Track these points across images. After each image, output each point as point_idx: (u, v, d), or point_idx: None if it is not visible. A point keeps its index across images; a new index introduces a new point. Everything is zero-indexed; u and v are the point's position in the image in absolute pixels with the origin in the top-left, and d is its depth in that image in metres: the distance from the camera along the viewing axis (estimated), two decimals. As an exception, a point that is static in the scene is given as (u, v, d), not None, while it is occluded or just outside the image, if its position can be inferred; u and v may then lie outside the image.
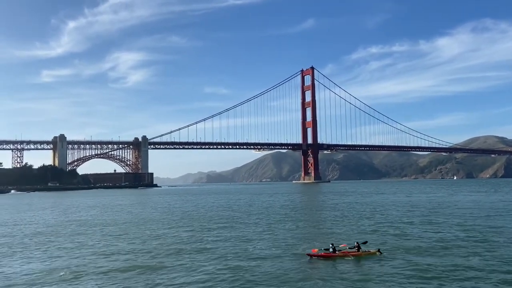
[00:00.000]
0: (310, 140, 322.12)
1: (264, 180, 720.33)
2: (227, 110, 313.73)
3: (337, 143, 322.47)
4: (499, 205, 62.38)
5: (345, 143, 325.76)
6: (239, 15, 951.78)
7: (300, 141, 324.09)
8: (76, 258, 25.63)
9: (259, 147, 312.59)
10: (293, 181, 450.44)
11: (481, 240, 29.43)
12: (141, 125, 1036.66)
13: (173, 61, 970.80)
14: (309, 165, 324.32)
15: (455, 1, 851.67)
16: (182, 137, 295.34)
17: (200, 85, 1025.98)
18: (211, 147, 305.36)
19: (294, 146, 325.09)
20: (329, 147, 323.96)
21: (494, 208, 56.07)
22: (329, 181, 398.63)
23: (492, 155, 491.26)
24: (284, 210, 59.82)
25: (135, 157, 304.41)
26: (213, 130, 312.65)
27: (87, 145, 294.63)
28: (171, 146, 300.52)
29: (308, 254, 24.29)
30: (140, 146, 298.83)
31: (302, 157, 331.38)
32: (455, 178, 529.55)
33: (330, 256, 23.99)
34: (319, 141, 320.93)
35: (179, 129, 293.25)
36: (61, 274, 21.39)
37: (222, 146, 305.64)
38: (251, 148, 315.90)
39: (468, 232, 33.09)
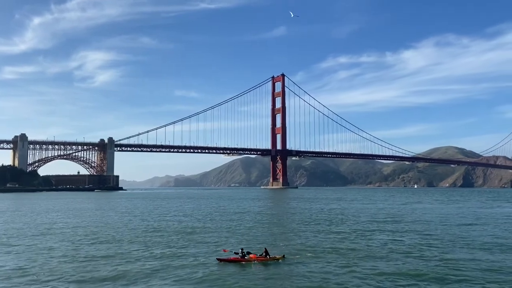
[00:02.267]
0: (279, 146, 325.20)
1: (232, 184, 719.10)
2: (197, 114, 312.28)
3: (305, 149, 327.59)
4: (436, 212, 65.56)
5: (313, 150, 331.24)
6: (211, 19, 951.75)
7: (269, 146, 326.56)
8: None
9: (228, 151, 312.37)
10: (262, 187, 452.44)
11: (404, 247, 30.96)
12: (108, 126, 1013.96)
13: (143, 62, 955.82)
14: (278, 171, 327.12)
15: (420, 15, 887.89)
16: (150, 140, 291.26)
17: (170, 88, 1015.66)
18: (180, 150, 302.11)
19: (263, 152, 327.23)
20: (297, 153, 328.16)
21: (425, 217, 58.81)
22: (297, 187, 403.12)
23: (452, 165, 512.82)
24: (242, 215, 60.27)
25: (100, 159, 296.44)
26: (183, 133, 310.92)
27: (50, 146, 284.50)
28: (139, 149, 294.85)
29: (218, 259, 25.16)
30: (106, 148, 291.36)
31: (271, 162, 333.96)
32: (416, 186, 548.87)
33: (239, 260, 24.74)
34: (288, 147, 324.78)
35: (147, 131, 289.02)
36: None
37: (191, 150, 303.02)
38: (220, 153, 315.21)
39: (395, 239, 34.80)
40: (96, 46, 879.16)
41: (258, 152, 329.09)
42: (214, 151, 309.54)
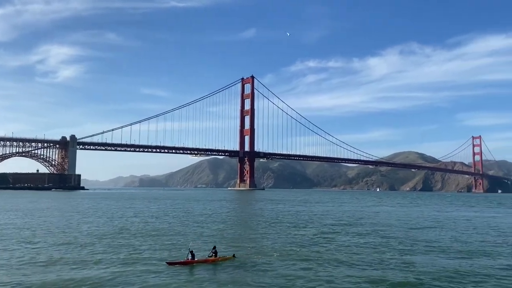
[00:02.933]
0: (247, 148, 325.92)
1: (199, 185, 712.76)
2: (165, 113, 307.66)
3: (273, 152, 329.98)
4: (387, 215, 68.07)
5: (281, 152, 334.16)
6: (180, 18, 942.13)
7: (237, 148, 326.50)
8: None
9: (196, 152, 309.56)
10: (229, 188, 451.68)
11: (344, 247, 32.18)
12: (70, 123, 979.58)
13: (109, 58, 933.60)
14: (245, 172, 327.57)
15: (386, 24, 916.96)
16: (115, 138, 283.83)
17: (137, 85, 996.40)
18: (146, 150, 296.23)
19: (231, 153, 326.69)
20: (265, 155, 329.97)
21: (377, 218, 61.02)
22: (264, 189, 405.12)
23: (413, 170, 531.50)
24: (207, 217, 60.03)
25: (62, 157, 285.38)
26: (149, 133, 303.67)
27: (8, 142, 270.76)
28: (102, 148, 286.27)
29: (167, 262, 24.73)
30: (68, 145, 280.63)
31: (239, 164, 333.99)
32: (378, 189, 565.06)
33: (188, 263, 24.67)
34: (256, 149, 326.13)
35: (112, 130, 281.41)
36: None
37: (158, 150, 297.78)
38: (188, 153, 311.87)
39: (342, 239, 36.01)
40: (60, 40, 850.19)
41: (226, 153, 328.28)
42: (181, 151, 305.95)
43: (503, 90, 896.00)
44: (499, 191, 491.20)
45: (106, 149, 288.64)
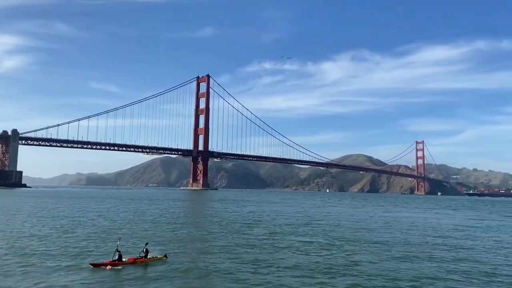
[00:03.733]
0: (201, 147, 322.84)
1: (150, 185, 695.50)
2: (116, 109, 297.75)
3: (227, 151, 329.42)
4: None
5: (235, 153, 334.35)
6: (135, 12, 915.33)
7: (191, 147, 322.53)
8: None
9: (148, 150, 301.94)
10: (181, 187, 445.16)
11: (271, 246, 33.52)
12: (12, 117, 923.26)
13: (57, 50, 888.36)
14: (199, 172, 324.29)
15: (340, 30, 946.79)
16: (61, 134, 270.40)
17: (87, 79, 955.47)
18: (94, 147, 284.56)
19: (184, 152, 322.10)
20: (219, 155, 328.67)
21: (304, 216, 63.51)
22: (217, 189, 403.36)
23: (361, 172, 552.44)
24: (157, 217, 59.07)
25: (2, 153, 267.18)
26: (98, 129, 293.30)
27: None
28: (47, 143, 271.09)
29: (92, 264, 23.77)
30: (9, 140, 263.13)
31: (192, 163, 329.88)
32: (328, 190, 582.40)
33: (114, 264, 23.70)
34: (210, 148, 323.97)
35: (58, 125, 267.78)
36: None
37: (107, 147, 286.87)
38: (139, 151, 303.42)
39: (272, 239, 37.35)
40: (4, 28, 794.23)
41: (179, 152, 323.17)
42: (132, 149, 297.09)
43: (444, 98, 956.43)
44: (439, 193, 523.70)
45: (51, 145, 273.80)
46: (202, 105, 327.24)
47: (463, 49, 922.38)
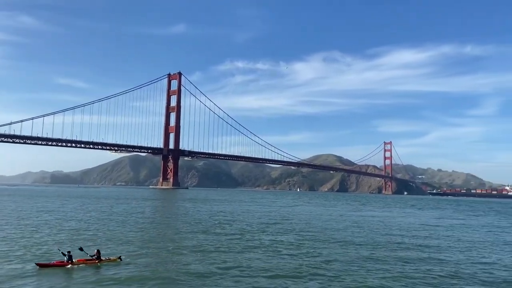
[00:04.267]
0: (172, 146, 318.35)
1: (118, 183, 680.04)
2: (83, 105, 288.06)
3: (198, 150, 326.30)
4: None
5: (206, 151, 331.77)
6: (106, 6, 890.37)
7: (161, 145, 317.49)
8: None
9: (116, 148, 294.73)
10: (150, 186, 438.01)
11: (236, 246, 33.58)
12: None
13: (22, 43, 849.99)
14: (169, 170, 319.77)
15: (312, 31, 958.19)
16: (25, 130, 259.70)
17: (53, 74, 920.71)
18: (60, 144, 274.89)
19: (154, 150, 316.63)
20: (190, 153, 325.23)
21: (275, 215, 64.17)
22: (187, 188, 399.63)
23: (331, 172, 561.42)
24: (124, 217, 57.59)
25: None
26: (64, 125, 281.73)
27: None
28: (10, 140, 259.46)
29: (38, 264, 22.84)
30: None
31: (162, 162, 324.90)
32: (299, 190, 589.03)
33: (63, 265, 22.94)
34: (181, 147, 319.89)
35: (22, 121, 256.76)
36: None
37: (73, 145, 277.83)
38: (107, 149, 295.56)
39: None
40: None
41: (149, 151, 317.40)
42: (99, 147, 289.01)
43: (412, 100, 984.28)
44: (405, 193, 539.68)
45: (14, 142, 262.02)
46: (173, 103, 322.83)
47: (430, 53, 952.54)
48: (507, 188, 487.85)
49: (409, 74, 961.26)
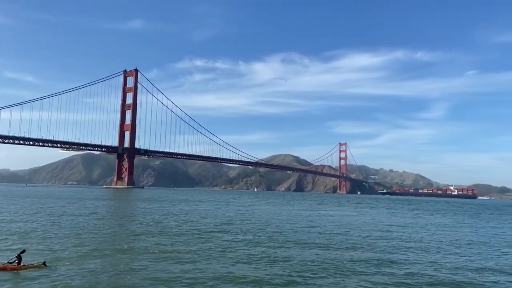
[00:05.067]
0: (127, 144, 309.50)
1: (70, 183, 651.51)
2: (32, 101, 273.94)
3: (155, 149, 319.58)
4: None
5: (163, 150, 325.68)
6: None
7: (116, 143, 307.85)
8: None
9: (67, 146, 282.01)
10: (104, 186, 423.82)
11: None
12: None
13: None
14: (124, 169, 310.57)
15: (272, 32, 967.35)
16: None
17: (0, 68, 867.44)
18: (6, 141, 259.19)
19: (109, 149, 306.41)
20: (146, 152, 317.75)
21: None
22: (143, 187, 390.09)
23: (288, 172, 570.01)
24: (73, 217, 55.59)
25: None
26: (11, 122, 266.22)
27: None
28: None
29: None
30: None
31: (117, 160, 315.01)
32: (256, 189, 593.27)
33: None
34: (137, 145, 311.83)
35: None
36: None
37: (21, 142, 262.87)
38: (58, 147, 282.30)
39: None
40: None
41: (103, 149, 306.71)
42: (50, 144, 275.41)
43: (366, 103, 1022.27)
44: (359, 192, 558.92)
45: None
46: (129, 100, 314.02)
47: (384, 57, 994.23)
48: (451, 188, 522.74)
49: (364, 77, 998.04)
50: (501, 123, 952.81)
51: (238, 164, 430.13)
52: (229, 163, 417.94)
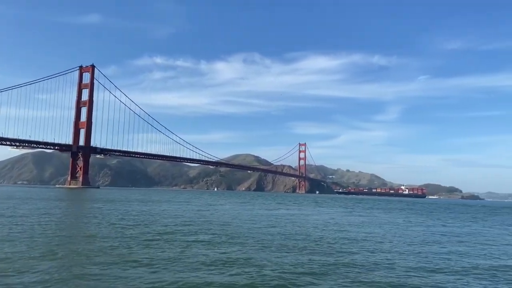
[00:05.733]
0: (82, 142, 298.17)
1: (20, 182, 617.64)
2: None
3: (112, 148, 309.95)
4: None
5: (121, 149, 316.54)
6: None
7: (70, 142, 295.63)
8: None
9: (17, 144, 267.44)
10: (57, 185, 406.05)
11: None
12: None
13: None
14: (78, 168, 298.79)
15: (233, 30, 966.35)
16: None
17: None
18: None
19: (62, 147, 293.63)
20: (102, 151, 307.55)
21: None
22: (99, 187, 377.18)
23: (249, 171, 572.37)
24: (20, 219, 52.98)
25: None
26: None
27: None
28: None
29: None
30: None
31: (71, 159, 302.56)
32: (216, 189, 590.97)
33: None
34: (93, 144, 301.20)
35: None
36: None
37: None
38: (6, 144, 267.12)
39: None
40: None
41: (56, 147, 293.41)
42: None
43: (325, 104, 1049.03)
44: (317, 192, 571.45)
45: None
46: (85, 97, 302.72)
47: (342, 60, 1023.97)
48: (403, 187, 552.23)
49: (324, 79, 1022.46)
50: (449, 126, 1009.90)
51: (198, 163, 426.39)
52: (189, 162, 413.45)
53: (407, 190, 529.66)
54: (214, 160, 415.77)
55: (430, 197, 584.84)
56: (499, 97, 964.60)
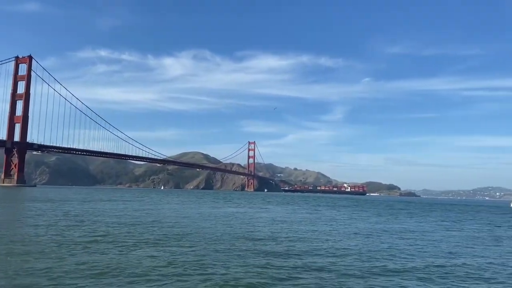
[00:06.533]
0: (17, 138, 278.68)
1: None
2: None
3: (50, 144, 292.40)
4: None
5: (60, 145, 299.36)
6: None
7: (4, 137, 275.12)
8: None
9: None
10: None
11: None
12: None
13: None
14: (13, 166, 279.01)
15: (184, 26, 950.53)
16: None
17: None
18: None
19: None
20: (40, 147, 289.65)
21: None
22: (36, 186, 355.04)
23: (197, 169, 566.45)
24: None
25: None
26: None
27: None
28: None
29: None
30: None
31: (5, 156, 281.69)
32: (163, 188, 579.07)
33: None
34: (29, 139, 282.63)
35: None
36: None
37: None
38: None
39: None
40: None
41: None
42: None
43: (274, 103, 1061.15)
44: (266, 190, 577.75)
45: None
46: (21, 90, 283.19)
47: (291, 61, 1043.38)
48: (345, 185, 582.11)
49: (273, 78, 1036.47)
50: (390, 127, 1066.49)
51: (144, 161, 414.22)
52: (135, 160, 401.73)
53: (349, 188, 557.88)
54: (161, 158, 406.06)
55: (371, 194, 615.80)
56: (434, 100, 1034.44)
